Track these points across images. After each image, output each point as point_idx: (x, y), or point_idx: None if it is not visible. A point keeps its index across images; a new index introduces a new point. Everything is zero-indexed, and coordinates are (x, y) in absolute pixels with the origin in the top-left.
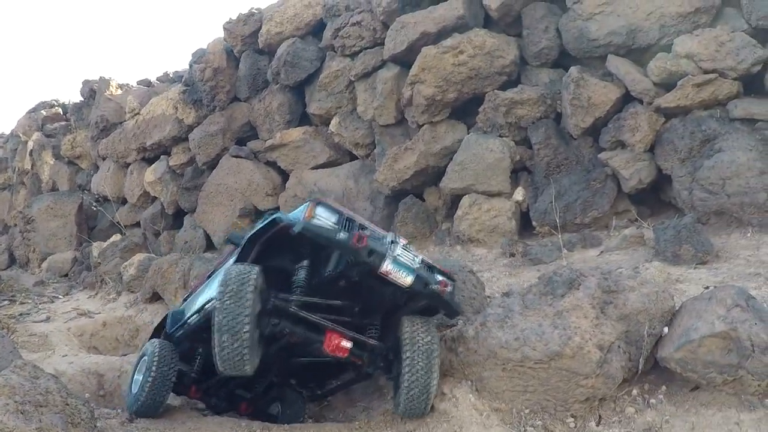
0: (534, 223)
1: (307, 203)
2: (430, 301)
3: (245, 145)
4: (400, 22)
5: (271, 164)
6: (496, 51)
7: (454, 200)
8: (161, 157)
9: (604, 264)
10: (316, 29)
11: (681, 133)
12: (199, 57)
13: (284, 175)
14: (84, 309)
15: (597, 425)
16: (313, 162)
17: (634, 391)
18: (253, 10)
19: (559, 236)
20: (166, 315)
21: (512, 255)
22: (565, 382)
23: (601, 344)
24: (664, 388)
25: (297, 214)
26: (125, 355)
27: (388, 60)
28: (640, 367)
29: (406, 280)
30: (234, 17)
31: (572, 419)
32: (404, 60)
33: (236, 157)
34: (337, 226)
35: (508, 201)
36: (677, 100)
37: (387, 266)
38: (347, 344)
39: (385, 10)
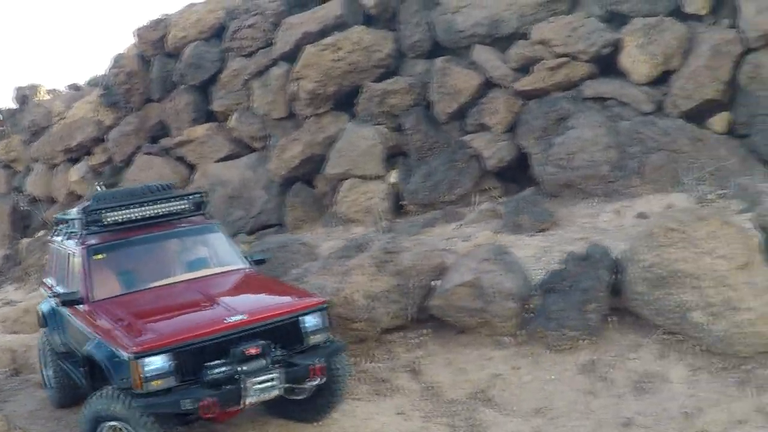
0: (404, 202)
1: (129, 356)
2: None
3: (158, 143)
4: (286, 24)
5: (181, 159)
6: (372, 46)
7: (339, 185)
8: (84, 157)
9: (457, 235)
10: (219, 32)
11: (536, 114)
12: (116, 61)
13: (192, 169)
14: (9, 299)
15: (370, 363)
16: (217, 155)
17: (409, 335)
18: (161, 17)
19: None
20: None
21: (379, 232)
22: (341, 327)
23: (369, 294)
24: (431, 331)
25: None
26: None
27: (279, 58)
28: (410, 315)
29: (272, 394)
30: (145, 24)
31: (352, 358)
32: (292, 58)
33: (149, 154)
34: (173, 377)
35: (383, 183)
36: (533, 83)
37: (247, 401)
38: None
39: (274, 13)
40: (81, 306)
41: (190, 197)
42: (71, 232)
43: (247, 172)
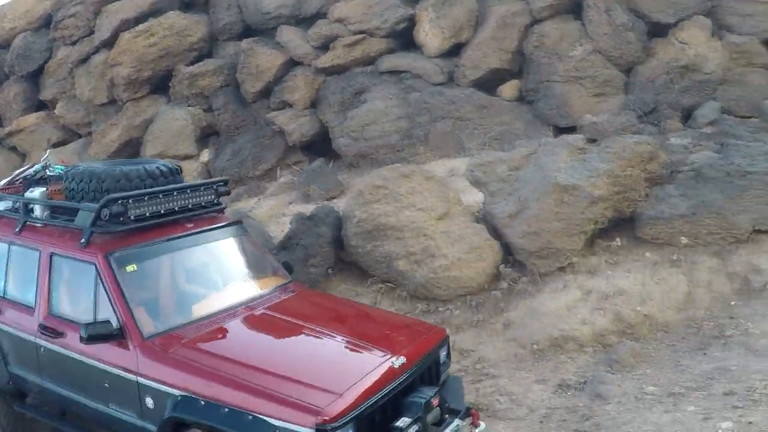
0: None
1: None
2: None
3: None
4: (105, 11)
5: (14, 149)
6: (185, 30)
7: None
8: None
9: (257, 207)
10: (48, 22)
11: (335, 89)
12: None
13: (25, 158)
14: None
15: None
16: (47, 144)
17: None
18: None
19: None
20: None
21: None
22: None
23: None
24: None
25: None
26: None
27: (100, 46)
28: None
29: None
30: None
31: None
32: (112, 45)
33: None
34: None
35: (196, 162)
36: (332, 60)
37: None
38: None
39: (95, 1)
40: (111, 344)
41: (215, 186)
42: (52, 224)
43: (74, 158)
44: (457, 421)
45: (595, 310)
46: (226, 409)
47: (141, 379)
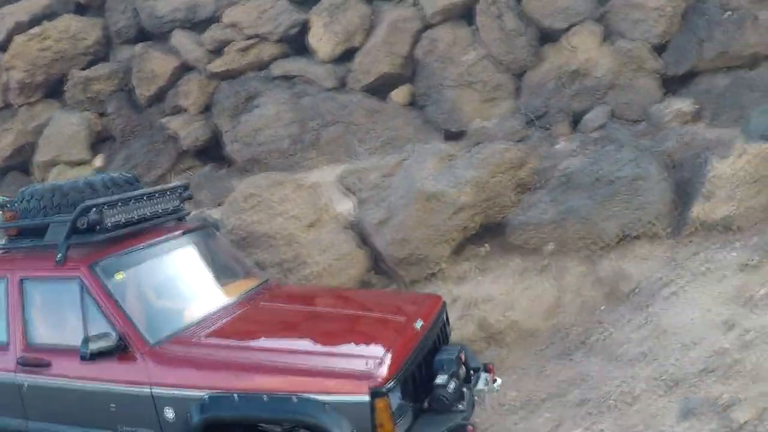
0: None
1: (364, 397)
2: None
3: None
4: (0, 14)
5: None
6: (80, 34)
7: (49, 171)
8: None
9: None
10: None
11: (227, 94)
12: None
13: None
14: None
15: None
16: None
17: None
18: None
19: None
20: None
21: None
22: None
23: None
24: None
25: None
26: None
27: None
28: None
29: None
30: None
31: None
32: (5, 48)
33: None
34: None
35: (90, 167)
36: (225, 65)
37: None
38: None
39: None
40: (112, 360)
41: (179, 191)
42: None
43: None
44: (484, 374)
45: (463, 316)
46: (266, 397)
47: (156, 389)
